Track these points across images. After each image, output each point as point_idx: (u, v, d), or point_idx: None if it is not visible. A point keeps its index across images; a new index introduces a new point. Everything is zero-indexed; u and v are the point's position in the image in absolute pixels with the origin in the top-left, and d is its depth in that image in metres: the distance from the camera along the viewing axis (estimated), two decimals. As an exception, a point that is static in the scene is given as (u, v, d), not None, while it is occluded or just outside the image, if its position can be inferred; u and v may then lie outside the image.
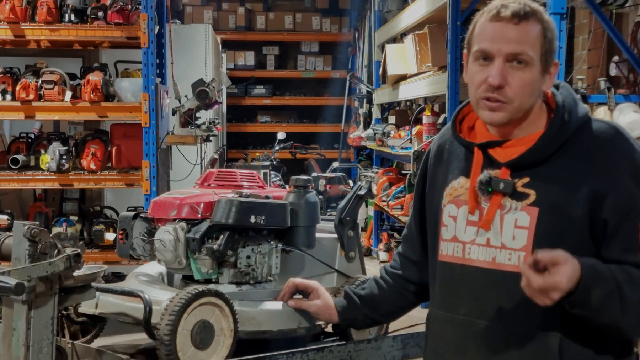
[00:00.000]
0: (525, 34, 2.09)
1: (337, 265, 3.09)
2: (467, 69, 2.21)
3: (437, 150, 2.39)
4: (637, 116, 5.07)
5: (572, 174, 2.08)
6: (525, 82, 2.10)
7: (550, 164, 2.11)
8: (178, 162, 7.15)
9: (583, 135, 2.12)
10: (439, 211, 2.29)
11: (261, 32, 14.66)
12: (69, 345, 2.66)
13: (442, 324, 2.26)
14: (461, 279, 2.19)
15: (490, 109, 2.12)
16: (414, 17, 8.19)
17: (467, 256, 2.19)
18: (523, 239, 2.09)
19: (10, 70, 6.62)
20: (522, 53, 2.08)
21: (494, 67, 2.09)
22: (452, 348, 2.22)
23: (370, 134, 9.94)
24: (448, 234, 2.24)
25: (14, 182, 6.53)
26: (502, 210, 2.13)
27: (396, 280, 2.58)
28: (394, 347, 2.80)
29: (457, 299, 2.21)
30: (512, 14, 2.08)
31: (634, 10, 5.81)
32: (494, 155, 2.18)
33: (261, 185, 3.15)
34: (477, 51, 2.14)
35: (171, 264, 2.82)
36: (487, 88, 2.11)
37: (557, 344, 2.07)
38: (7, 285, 2.04)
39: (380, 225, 10.03)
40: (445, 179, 2.30)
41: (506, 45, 2.08)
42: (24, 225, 2.16)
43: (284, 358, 2.55)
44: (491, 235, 2.14)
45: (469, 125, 2.30)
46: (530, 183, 2.11)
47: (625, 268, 2.04)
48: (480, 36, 2.14)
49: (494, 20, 2.11)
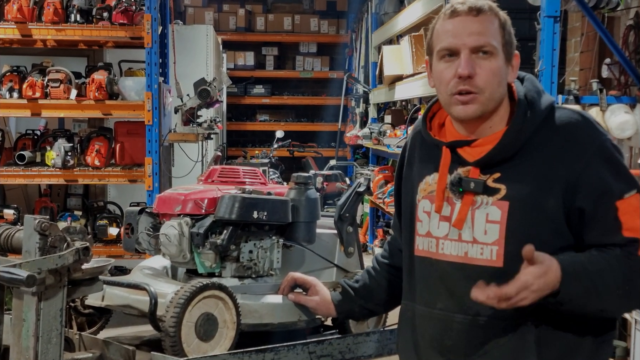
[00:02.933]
0: (485, 25, 2.10)
1: (337, 260, 3.10)
2: (432, 73, 2.21)
3: (412, 142, 2.38)
4: (628, 117, 5.13)
5: (541, 165, 2.08)
6: (494, 70, 2.10)
7: (519, 158, 2.11)
8: (180, 159, 7.18)
9: (548, 125, 2.12)
10: (414, 206, 2.29)
11: (261, 33, 14.67)
12: (77, 336, 2.68)
13: (421, 319, 2.25)
14: (436, 274, 2.19)
15: (462, 102, 2.12)
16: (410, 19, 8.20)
17: (440, 251, 2.19)
18: (495, 233, 2.09)
19: (17, 69, 6.68)
20: (486, 44, 2.09)
21: (461, 59, 2.10)
22: (432, 342, 2.21)
23: (367, 133, 9.95)
24: (423, 229, 2.24)
25: (21, 177, 6.59)
26: (473, 206, 2.13)
27: (386, 269, 2.60)
28: (392, 340, 2.81)
29: (433, 294, 2.21)
30: (469, 7, 2.11)
31: (626, 14, 5.83)
32: (463, 155, 2.18)
33: (263, 182, 3.17)
34: (441, 49, 2.14)
35: (176, 258, 2.85)
36: (458, 82, 2.11)
37: (533, 335, 2.08)
38: (19, 277, 2.05)
39: (376, 222, 10.06)
40: (420, 173, 2.30)
41: (468, 37, 2.10)
42: (34, 219, 2.17)
43: (285, 350, 2.56)
44: (463, 231, 2.14)
45: (440, 122, 2.30)
46: (500, 178, 2.11)
47: (606, 252, 2.05)
48: (441, 36, 2.15)
49: (452, 17, 2.13)
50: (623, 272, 2.05)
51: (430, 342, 2.22)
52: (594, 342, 2.14)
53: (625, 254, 2.06)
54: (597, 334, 2.14)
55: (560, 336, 2.11)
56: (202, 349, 2.54)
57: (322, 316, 2.82)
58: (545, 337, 2.10)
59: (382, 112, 10.56)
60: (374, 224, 10.06)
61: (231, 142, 14.08)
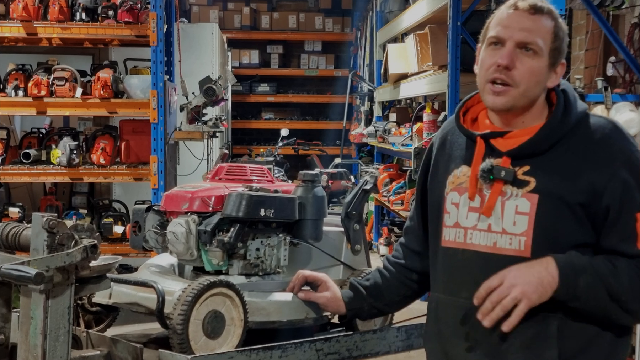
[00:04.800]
0: (538, 25, 2.17)
1: (344, 258, 3.09)
2: (479, 58, 2.27)
3: (440, 142, 2.44)
4: (633, 115, 5.13)
5: (570, 165, 2.14)
6: (533, 69, 2.17)
7: (550, 154, 2.17)
8: (185, 157, 7.20)
9: (581, 129, 2.18)
10: (442, 199, 2.34)
11: (266, 32, 14.71)
12: (84, 334, 2.66)
13: (445, 307, 2.31)
14: (462, 263, 2.25)
15: (494, 92, 2.19)
16: (415, 17, 8.22)
17: (468, 241, 2.24)
18: (524, 224, 2.15)
19: (23, 67, 6.69)
20: (532, 42, 2.16)
21: (504, 49, 2.17)
22: (454, 330, 2.26)
23: (372, 131, 9.97)
24: (450, 220, 2.30)
25: (26, 175, 6.60)
26: (503, 197, 2.18)
27: (399, 270, 2.63)
28: (399, 338, 2.82)
29: (458, 283, 2.26)
30: (530, 5, 2.17)
31: (631, 12, 5.83)
32: (496, 145, 2.23)
33: (270, 179, 3.16)
34: (490, 37, 2.21)
35: (183, 255, 2.84)
36: (495, 69, 2.17)
37: (555, 325, 2.14)
38: (27, 274, 2.04)
39: (381, 220, 10.07)
40: (447, 168, 2.36)
41: (518, 32, 2.16)
42: (42, 216, 2.16)
43: (292, 348, 2.55)
44: (492, 221, 2.19)
45: (472, 117, 2.36)
46: (530, 171, 2.17)
47: (612, 259, 2.12)
48: (495, 24, 2.21)
49: (511, 9, 2.19)
50: (630, 278, 2.10)
51: (454, 330, 2.27)
52: (613, 339, 2.19)
53: (636, 265, 2.12)
54: (617, 331, 2.20)
55: (582, 328, 2.16)
56: (209, 347, 2.52)
57: (331, 313, 2.82)
58: (567, 328, 2.15)
59: (387, 110, 10.59)
60: (379, 222, 10.06)
61: (236, 140, 14.11)
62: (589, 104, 5.20)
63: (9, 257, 2.27)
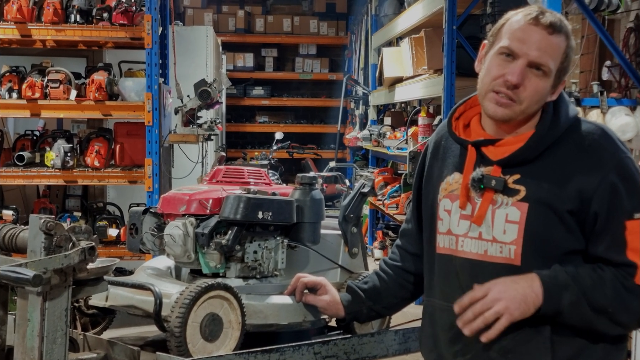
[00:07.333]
0: (554, 46, 2.14)
1: (341, 261, 3.10)
2: (484, 58, 2.24)
3: (434, 146, 2.44)
4: (628, 119, 5.13)
5: (560, 172, 2.13)
6: (539, 89, 2.15)
7: (540, 162, 2.16)
8: (180, 160, 7.18)
9: (571, 135, 2.17)
10: (435, 205, 2.35)
11: (260, 35, 14.71)
12: (81, 336, 2.66)
13: (441, 313, 2.31)
14: (453, 270, 2.26)
15: (497, 103, 2.17)
16: (410, 21, 8.22)
17: (459, 248, 2.25)
18: (514, 233, 2.15)
19: (17, 69, 6.66)
20: (544, 64, 2.13)
21: (516, 66, 2.13)
22: (448, 335, 2.27)
23: (366, 135, 9.97)
24: (443, 227, 2.30)
25: (20, 178, 6.57)
26: (493, 206, 2.18)
27: (396, 272, 2.63)
28: (396, 341, 2.82)
29: (451, 289, 2.26)
30: (551, 23, 2.13)
31: (626, 16, 5.84)
32: (487, 154, 2.23)
33: (268, 182, 3.17)
34: (504, 47, 2.16)
35: (180, 258, 2.84)
36: (503, 83, 2.15)
37: (549, 330, 2.13)
38: (25, 276, 2.03)
39: (376, 224, 10.08)
40: (440, 174, 2.36)
41: (535, 51, 2.13)
42: (40, 218, 2.15)
43: (290, 351, 2.55)
44: (483, 230, 2.20)
45: (464, 123, 2.35)
46: (520, 180, 2.16)
47: (599, 269, 2.12)
48: (512, 33, 2.16)
49: (531, 23, 2.14)
50: (615, 289, 2.10)
51: (448, 334, 2.27)
52: (606, 346, 2.19)
53: (621, 275, 2.11)
54: (611, 339, 2.19)
55: (575, 336, 2.16)
56: (207, 350, 2.53)
57: (330, 316, 2.82)
58: (561, 335, 2.15)
59: (382, 114, 10.59)
60: (373, 225, 10.06)
61: (230, 144, 14.09)
62: (585, 109, 5.21)
63: (5, 259, 2.26)
